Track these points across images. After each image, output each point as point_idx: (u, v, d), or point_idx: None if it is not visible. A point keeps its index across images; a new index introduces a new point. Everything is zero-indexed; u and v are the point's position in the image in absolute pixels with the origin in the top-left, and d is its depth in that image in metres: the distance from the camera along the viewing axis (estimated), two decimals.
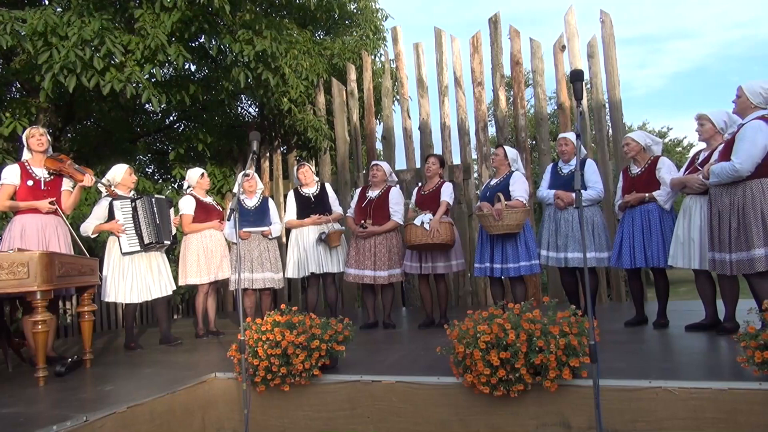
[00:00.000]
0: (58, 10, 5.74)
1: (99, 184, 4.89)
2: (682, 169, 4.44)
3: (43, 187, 4.41)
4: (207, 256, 5.45)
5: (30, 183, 4.37)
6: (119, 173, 5.07)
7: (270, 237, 5.63)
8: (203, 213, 5.53)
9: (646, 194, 4.53)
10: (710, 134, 4.24)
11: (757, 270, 3.56)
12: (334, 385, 3.43)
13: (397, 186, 5.62)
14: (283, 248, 6.59)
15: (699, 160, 4.27)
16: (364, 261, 5.28)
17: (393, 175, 5.68)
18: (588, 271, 2.74)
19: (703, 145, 4.39)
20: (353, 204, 5.55)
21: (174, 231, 5.29)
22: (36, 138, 4.43)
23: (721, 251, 3.79)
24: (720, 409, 2.74)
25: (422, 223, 4.84)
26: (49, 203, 4.35)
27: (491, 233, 4.72)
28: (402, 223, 5.31)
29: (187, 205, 5.51)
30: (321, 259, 5.51)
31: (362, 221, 5.31)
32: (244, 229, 5.47)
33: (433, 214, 4.94)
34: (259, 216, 5.62)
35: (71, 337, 6.50)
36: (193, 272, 5.41)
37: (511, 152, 5.09)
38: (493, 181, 5.07)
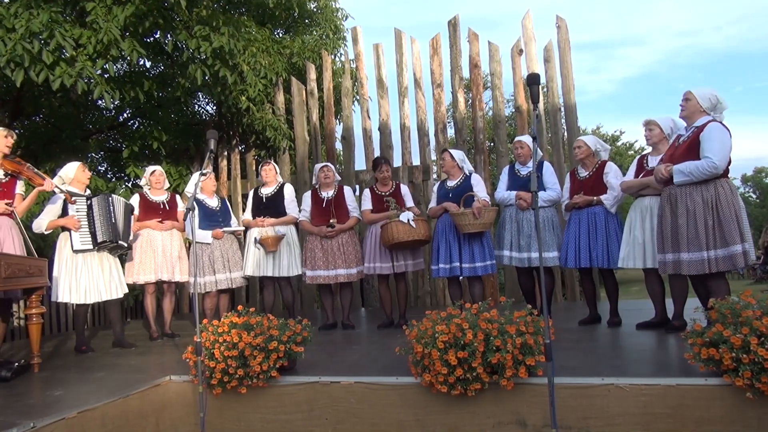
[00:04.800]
0: (5, 1, 5.53)
1: (56, 190, 4.74)
2: (630, 174, 4.53)
3: None
4: (142, 256, 5.28)
5: None
6: (72, 170, 4.93)
7: (239, 236, 5.59)
8: (144, 212, 5.39)
9: (594, 198, 4.66)
10: (659, 139, 4.38)
11: (738, 266, 3.60)
12: (292, 387, 3.41)
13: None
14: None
15: (649, 165, 4.38)
16: (335, 260, 5.26)
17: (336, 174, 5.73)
18: (545, 270, 2.80)
19: (648, 149, 4.54)
20: (307, 207, 5.49)
21: (132, 236, 5.15)
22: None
23: (691, 250, 3.70)
24: (668, 405, 2.83)
25: (408, 220, 4.93)
26: (6, 204, 4.19)
27: (465, 232, 4.76)
28: (360, 218, 5.40)
29: (132, 204, 5.39)
30: (260, 262, 5.40)
31: (330, 221, 5.30)
32: (222, 230, 5.40)
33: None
34: (225, 216, 5.57)
35: (18, 341, 6.25)
36: (130, 272, 5.28)
37: (458, 154, 5.19)
38: (452, 183, 5.11)
